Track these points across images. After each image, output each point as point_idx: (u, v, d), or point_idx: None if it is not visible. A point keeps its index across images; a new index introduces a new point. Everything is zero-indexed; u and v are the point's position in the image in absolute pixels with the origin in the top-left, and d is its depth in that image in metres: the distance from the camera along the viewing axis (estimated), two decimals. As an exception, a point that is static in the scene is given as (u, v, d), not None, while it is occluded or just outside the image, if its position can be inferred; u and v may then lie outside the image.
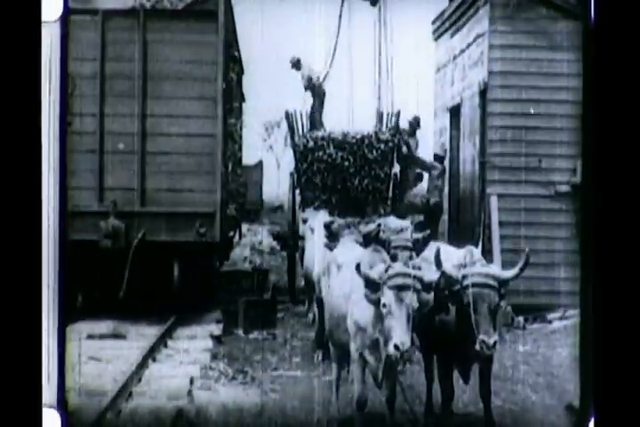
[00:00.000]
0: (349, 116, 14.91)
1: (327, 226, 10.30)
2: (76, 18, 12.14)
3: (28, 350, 7.74)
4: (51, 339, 8.24)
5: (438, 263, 7.96)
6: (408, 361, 7.51)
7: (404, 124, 14.62)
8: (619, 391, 7.72)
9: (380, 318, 7.58)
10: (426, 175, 15.02)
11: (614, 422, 7.71)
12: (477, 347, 7.67)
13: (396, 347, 7.35)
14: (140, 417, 9.10)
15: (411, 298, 7.49)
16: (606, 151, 7.94)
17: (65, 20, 8.32)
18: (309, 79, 14.81)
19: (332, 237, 10.04)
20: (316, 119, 14.80)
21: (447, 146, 15.99)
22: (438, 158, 15.06)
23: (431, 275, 7.86)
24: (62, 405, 8.27)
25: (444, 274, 7.91)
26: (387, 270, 7.67)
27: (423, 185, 14.99)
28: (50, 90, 8.29)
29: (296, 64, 14.88)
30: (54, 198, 8.30)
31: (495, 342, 7.67)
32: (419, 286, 7.61)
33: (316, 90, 14.85)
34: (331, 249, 9.51)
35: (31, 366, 7.74)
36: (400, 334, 7.38)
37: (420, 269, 7.84)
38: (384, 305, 7.51)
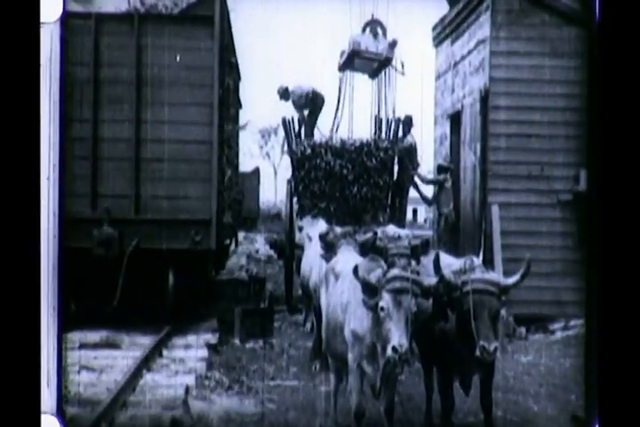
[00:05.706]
0: (349, 123, 14.84)
1: (323, 237, 10.10)
2: (69, 22, 12.02)
3: (27, 357, 7.64)
4: (50, 346, 8.17)
5: (437, 268, 7.81)
6: (407, 363, 7.33)
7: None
8: (623, 402, 7.61)
9: (377, 323, 7.43)
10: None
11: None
12: (478, 353, 7.50)
13: (395, 349, 7.19)
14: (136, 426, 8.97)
15: (409, 302, 7.34)
16: (611, 159, 7.83)
17: (64, 21, 8.26)
18: (300, 102, 14.68)
19: (328, 247, 9.85)
20: (311, 127, 14.69)
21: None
22: (442, 169, 14.80)
23: (430, 279, 7.72)
24: (61, 413, 8.20)
25: (442, 279, 7.75)
26: (384, 275, 7.52)
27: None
28: (49, 93, 8.21)
29: (284, 94, 14.72)
30: (53, 205, 8.22)
31: (496, 349, 7.50)
32: (417, 290, 7.46)
33: (310, 107, 14.73)
34: (327, 260, 9.36)
35: (30, 373, 7.64)
36: (398, 336, 7.22)
37: (418, 273, 7.69)
38: (382, 309, 7.36)
